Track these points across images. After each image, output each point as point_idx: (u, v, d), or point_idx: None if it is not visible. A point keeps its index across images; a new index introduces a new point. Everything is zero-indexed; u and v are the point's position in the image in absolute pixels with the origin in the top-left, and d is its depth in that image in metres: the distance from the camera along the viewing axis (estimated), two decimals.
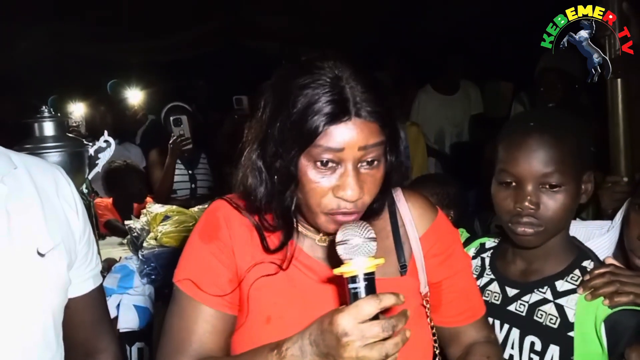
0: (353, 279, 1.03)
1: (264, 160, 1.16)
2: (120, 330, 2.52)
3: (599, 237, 1.72)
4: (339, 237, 1.05)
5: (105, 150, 2.55)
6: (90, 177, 2.55)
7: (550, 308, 1.44)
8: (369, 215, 1.24)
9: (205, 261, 1.21)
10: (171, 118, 4.06)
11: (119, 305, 2.53)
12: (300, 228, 1.24)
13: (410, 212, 1.30)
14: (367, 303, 0.99)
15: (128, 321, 2.52)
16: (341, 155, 1.09)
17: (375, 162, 1.12)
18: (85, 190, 2.58)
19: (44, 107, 2.47)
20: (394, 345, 0.98)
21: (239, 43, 6.16)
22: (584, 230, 1.72)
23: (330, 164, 1.10)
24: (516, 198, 1.41)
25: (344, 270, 1.03)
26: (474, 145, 3.90)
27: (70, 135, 2.55)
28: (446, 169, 4.68)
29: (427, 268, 1.29)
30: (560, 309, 1.43)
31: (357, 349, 0.97)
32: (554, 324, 1.42)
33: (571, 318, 1.41)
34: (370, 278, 1.03)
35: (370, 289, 1.02)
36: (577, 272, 1.46)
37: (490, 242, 1.65)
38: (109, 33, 5.50)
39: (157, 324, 2.50)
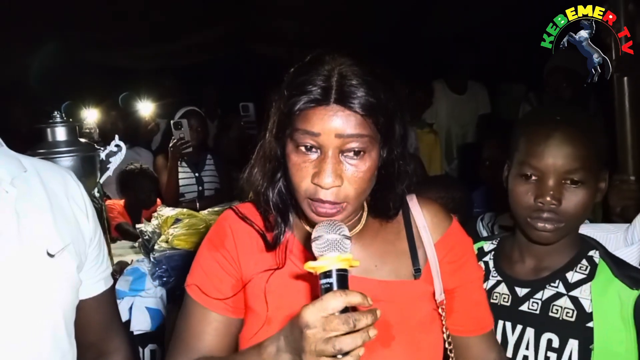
0: (326, 275, 0.99)
1: (264, 152, 1.20)
2: (134, 333, 2.55)
3: (624, 248, 1.66)
4: (313, 235, 1.03)
5: (116, 154, 2.59)
6: (101, 180, 2.59)
7: (565, 301, 1.42)
8: (378, 215, 1.25)
9: (211, 268, 1.25)
10: (172, 122, 4.11)
11: (131, 307, 2.55)
12: (307, 228, 1.25)
13: (425, 219, 1.30)
14: (332, 297, 0.95)
15: (140, 323, 2.54)
16: (319, 140, 1.09)
17: (361, 153, 1.11)
18: (97, 194, 2.62)
19: (56, 112, 2.52)
20: (350, 340, 0.93)
21: (248, 48, 6.18)
22: (599, 235, 1.65)
23: (312, 150, 1.11)
24: (537, 192, 1.39)
25: (315, 265, 1.00)
26: (480, 146, 3.90)
27: (81, 139, 2.59)
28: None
29: (442, 275, 1.28)
30: (575, 301, 1.41)
31: (316, 341, 0.94)
32: (571, 317, 1.40)
33: (588, 308, 1.39)
34: (342, 275, 0.99)
35: (342, 286, 0.98)
36: (584, 262, 1.45)
37: (488, 245, 1.62)
38: (120, 39, 5.55)
39: (169, 325, 2.52)
